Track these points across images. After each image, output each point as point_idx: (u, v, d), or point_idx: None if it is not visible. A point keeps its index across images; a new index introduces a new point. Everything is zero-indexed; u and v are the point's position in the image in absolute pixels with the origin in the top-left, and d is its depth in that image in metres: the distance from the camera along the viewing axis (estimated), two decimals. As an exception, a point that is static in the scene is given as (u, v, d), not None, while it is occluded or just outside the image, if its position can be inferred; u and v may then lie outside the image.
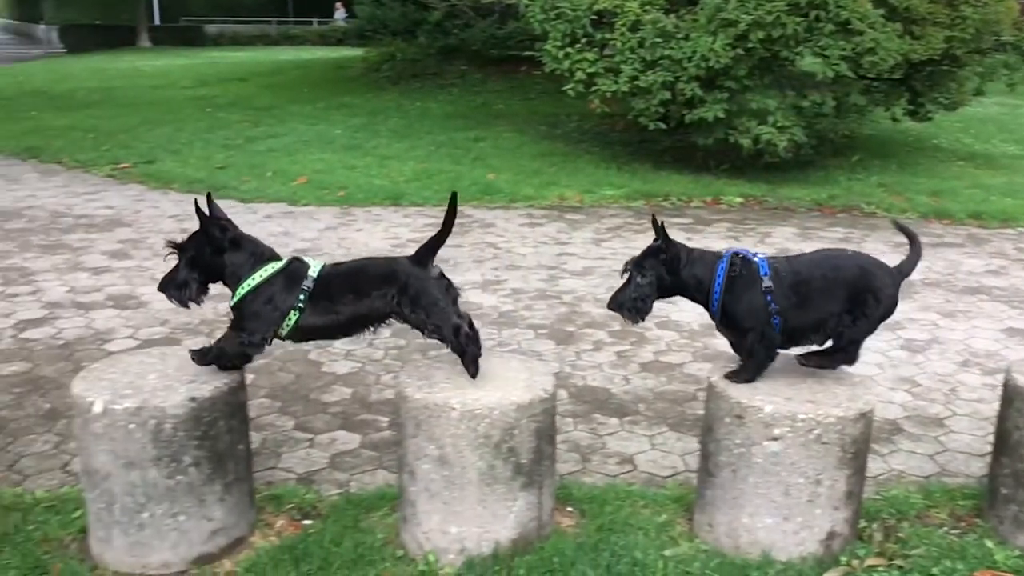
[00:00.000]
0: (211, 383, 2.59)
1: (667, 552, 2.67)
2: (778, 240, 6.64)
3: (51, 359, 4.25)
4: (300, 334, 2.63)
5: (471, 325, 2.62)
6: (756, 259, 2.59)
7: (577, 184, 8.29)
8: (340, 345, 4.43)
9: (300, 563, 2.58)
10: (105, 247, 6.23)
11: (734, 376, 2.63)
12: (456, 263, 5.90)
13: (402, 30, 23.86)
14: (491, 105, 13.18)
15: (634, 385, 4.04)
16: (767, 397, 2.57)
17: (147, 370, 2.69)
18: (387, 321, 2.64)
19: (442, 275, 2.63)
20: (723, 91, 7.99)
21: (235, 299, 2.60)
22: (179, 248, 2.68)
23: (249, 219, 7.09)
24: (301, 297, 2.57)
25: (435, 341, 2.62)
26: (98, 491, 2.55)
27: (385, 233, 6.69)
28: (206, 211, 2.68)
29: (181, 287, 2.65)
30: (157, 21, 33.12)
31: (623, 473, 3.27)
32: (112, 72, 19.95)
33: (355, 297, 2.59)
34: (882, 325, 2.67)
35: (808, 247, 6.43)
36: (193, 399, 2.53)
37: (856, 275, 2.57)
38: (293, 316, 2.57)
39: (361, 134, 11.05)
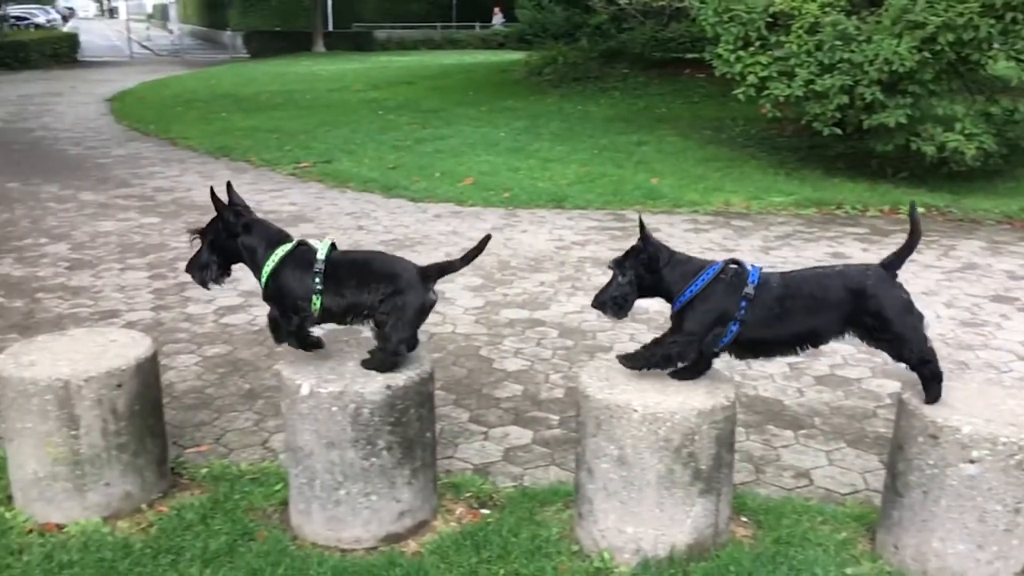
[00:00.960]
0: (404, 373, 2.75)
1: (848, 571, 2.61)
2: (963, 254, 6.27)
3: (248, 343, 4.60)
4: (323, 317, 2.73)
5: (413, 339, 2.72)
6: (749, 268, 2.62)
7: (743, 190, 8.13)
8: (510, 343, 4.56)
9: (480, 550, 2.69)
10: (290, 241, 6.65)
11: (626, 359, 2.69)
12: (621, 267, 5.93)
13: (563, 33, 24.12)
14: (653, 108, 13.10)
15: (808, 398, 3.94)
16: (965, 418, 2.46)
17: (346, 357, 2.88)
18: (373, 314, 2.68)
19: (435, 295, 2.75)
20: (906, 96, 7.63)
21: (267, 280, 2.72)
22: (200, 233, 2.82)
23: (419, 218, 7.39)
24: (318, 281, 2.67)
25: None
26: (301, 467, 2.75)
27: (549, 235, 6.80)
28: (224, 199, 2.80)
29: (203, 268, 2.80)
30: (330, 27, 34.83)
31: (799, 487, 3.21)
32: (291, 76, 21.19)
33: (360, 289, 2.67)
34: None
35: (997, 262, 6.04)
36: (389, 387, 2.69)
37: (844, 296, 2.55)
38: (317, 300, 2.68)
39: (524, 137, 11.26)
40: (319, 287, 2.67)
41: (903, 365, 2.60)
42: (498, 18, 38.08)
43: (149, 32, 48.16)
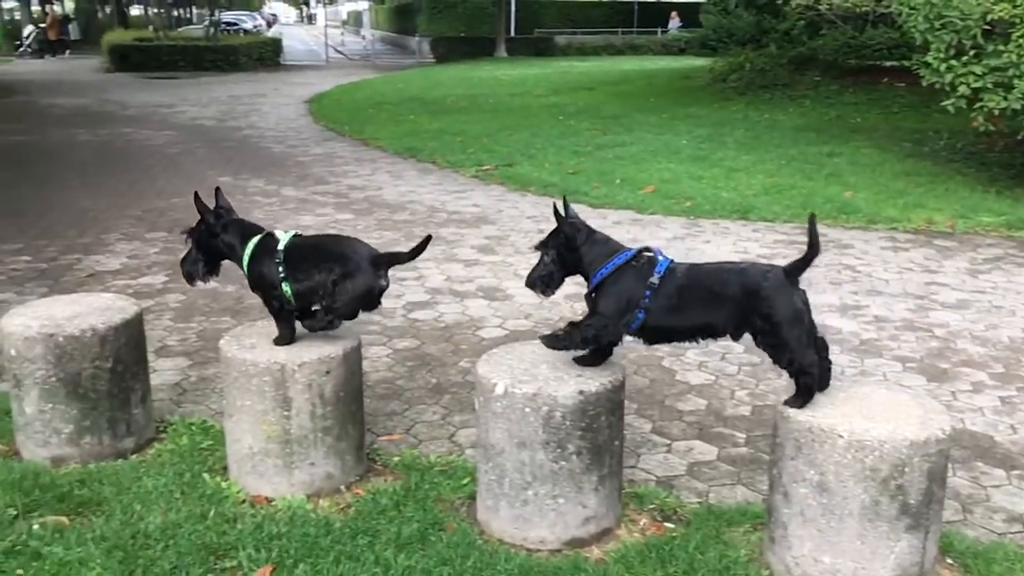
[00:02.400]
0: (597, 379, 2.75)
1: (1074, 630, 2.38)
2: None
3: (434, 339, 4.76)
4: (297, 301, 2.93)
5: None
6: (660, 258, 2.71)
7: (948, 208, 7.60)
8: (693, 355, 4.47)
9: (666, 564, 2.65)
10: (474, 242, 6.84)
11: (548, 339, 2.80)
12: (810, 283, 5.69)
13: (749, 39, 23.48)
14: (847, 118, 12.50)
15: (1023, 435, 3.63)
16: None
17: (539, 360, 2.92)
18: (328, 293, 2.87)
19: (385, 281, 2.97)
20: None
21: (249, 270, 2.99)
22: (189, 234, 3.11)
23: (599, 224, 7.28)
24: (280, 269, 2.91)
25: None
26: (491, 464, 2.82)
27: (734, 247, 6.63)
28: (210, 204, 3.09)
29: (192, 265, 3.10)
30: (513, 33, 35.54)
31: (1012, 532, 2.96)
32: (475, 80, 21.79)
33: (312, 270, 2.89)
34: None
35: None
36: (582, 392, 2.70)
37: (739, 294, 2.58)
38: (285, 286, 2.91)
39: (707, 145, 11.04)
40: (282, 274, 2.91)
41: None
42: (675, 22, 37.56)
43: (343, 38, 50.94)
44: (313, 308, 3.00)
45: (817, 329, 2.62)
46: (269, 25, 67.43)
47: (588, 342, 2.76)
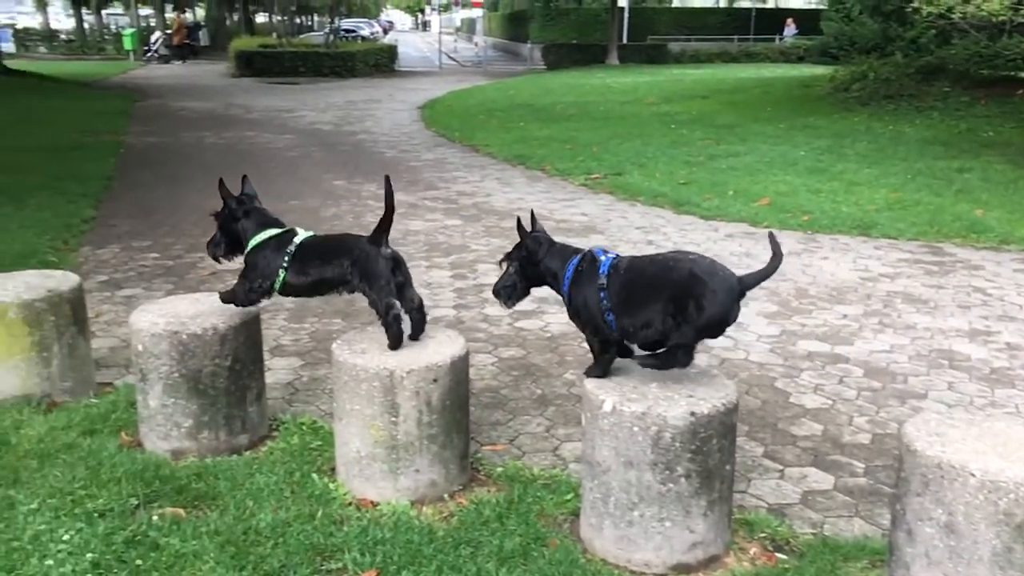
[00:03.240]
0: (709, 401, 2.67)
1: None
2: None
3: (540, 348, 4.74)
4: (286, 290, 3.21)
5: (420, 307, 3.16)
6: (602, 257, 2.73)
7: (1091, 229, 7.10)
8: (808, 377, 4.31)
9: (777, 597, 2.54)
10: (582, 251, 6.78)
11: (588, 371, 2.80)
12: (936, 305, 5.41)
13: (873, 47, 22.61)
14: (978, 132, 11.86)
15: None
16: None
17: (648, 378, 2.85)
18: (347, 286, 3.11)
19: (394, 256, 3.09)
20: None
21: (246, 252, 3.25)
22: (215, 217, 3.35)
23: (710, 236, 7.23)
24: (285, 260, 3.16)
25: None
26: (596, 482, 2.77)
27: (853, 265, 6.36)
28: (235, 191, 3.35)
29: (215, 246, 3.37)
30: (625, 40, 35.32)
31: None
32: (586, 88, 21.74)
33: (321, 264, 3.13)
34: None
35: None
36: (693, 414, 2.62)
37: (683, 280, 2.58)
38: (281, 274, 3.17)
39: (826, 157, 10.66)
40: (284, 265, 3.16)
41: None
42: (790, 30, 36.54)
43: (456, 44, 51.67)
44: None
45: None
46: (385, 32, 69.16)
47: (599, 352, 2.81)
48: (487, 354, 4.65)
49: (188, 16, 46.25)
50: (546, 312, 5.34)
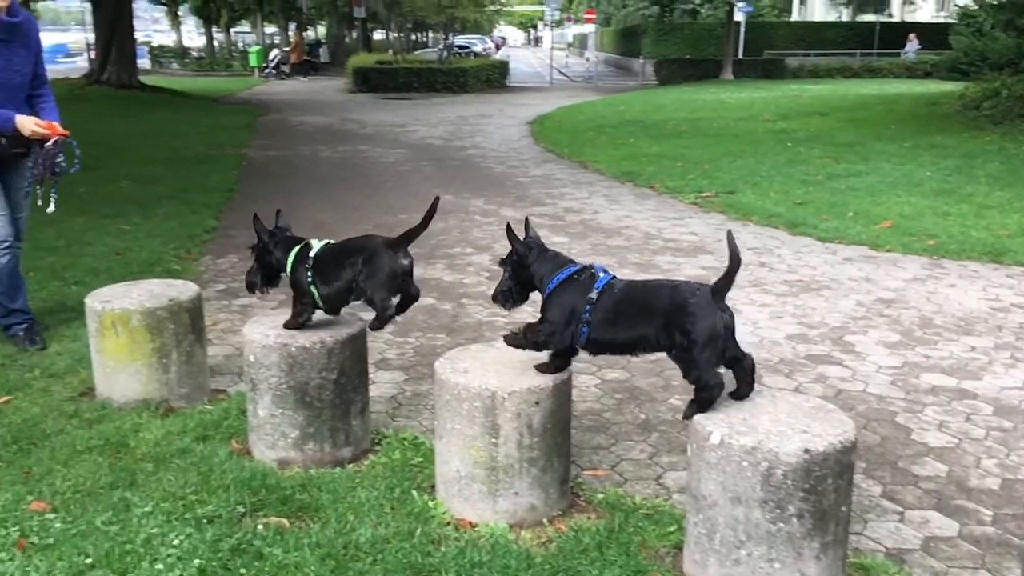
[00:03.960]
0: (824, 438, 2.53)
1: None
2: None
3: (644, 372, 4.63)
4: (324, 303, 3.29)
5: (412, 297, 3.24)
6: (600, 274, 2.88)
7: None
8: (932, 413, 4.05)
9: (895, 652, 2.38)
10: (690, 272, 6.63)
11: (509, 338, 3.01)
12: (1077, 340, 5.02)
13: (1007, 63, 21.39)
14: None
15: None
16: None
17: (760, 410, 2.73)
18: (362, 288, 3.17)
19: (409, 268, 3.19)
20: None
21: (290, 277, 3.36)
22: (252, 249, 3.50)
23: (827, 259, 6.95)
24: (308, 275, 3.25)
25: None
26: (701, 516, 2.66)
27: (983, 293, 5.98)
28: (269, 225, 3.47)
29: (253, 275, 3.48)
30: (740, 55, 34.65)
31: None
32: (698, 103, 21.40)
33: (338, 269, 3.21)
34: None
35: None
36: (807, 451, 2.48)
37: (667, 308, 2.72)
38: (312, 290, 3.26)
39: (955, 178, 10.13)
40: (309, 280, 3.25)
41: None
42: (912, 45, 35.04)
43: (567, 60, 51.85)
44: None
45: (739, 348, 2.77)
46: (498, 48, 70.10)
47: (538, 346, 2.97)
48: (590, 375, 4.57)
49: (309, 34, 48.05)
50: (652, 334, 5.22)
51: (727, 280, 2.73)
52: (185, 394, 3.95)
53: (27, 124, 4.30)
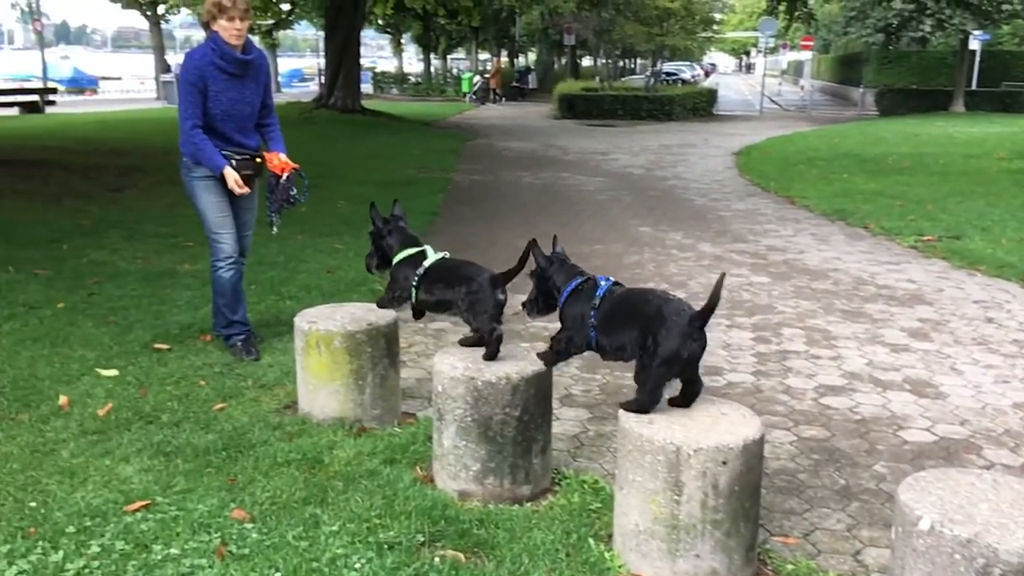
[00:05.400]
0: (1059, 539, 2.22)
1: None
2: None
3: (847, 432, 4.31)
4: (418, 304, 3.73)
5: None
6: (602, 283, 3.15)
7: None
8: None
9: None
10: (905, 323, 6.14)
11: (542, 355, 3.36)
12: None
13: None
14: None
15: None
16: None
17: (978, 496, 2.44)
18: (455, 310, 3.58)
19: (503, 302, 3.52)
20: None
21: (392, 266, 3.82)
22: (370, 234, 3.91)
23: (1069, 319, 6.20)
24: (415, 279, 3.67)
25: None
26: (904, 609, 2.41)
27: None
28: (388, 214, 3.92)
29: (369, 257, 3.95)
30: (974, 86, 32.04)
31: None
32: (923, 137, 19.98)
33: (444, 287, 3.60)
34: None
35: None
36: (1036, 552, 2.19)
37: (651, 315, 2.95)
38: (413, 291, 3.69)
39: None
40: (415, 284, 3.67)
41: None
42: None
43: (780, 87, 50.15)
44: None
45: (697, 374, 3.03)
46: (707, 75, 69.00)
47: (561, 355, 3.29)
48: (785, 431, 4.32)
49: (519, 61, 49.47)
50: (857, 390, 4.87)
51: (705, 313, 2.92)
52: (377, 415, 4.10)
53: (230, 177, 4.67)
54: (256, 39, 42.11)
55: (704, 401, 3.18)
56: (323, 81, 28.04)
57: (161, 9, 39.16)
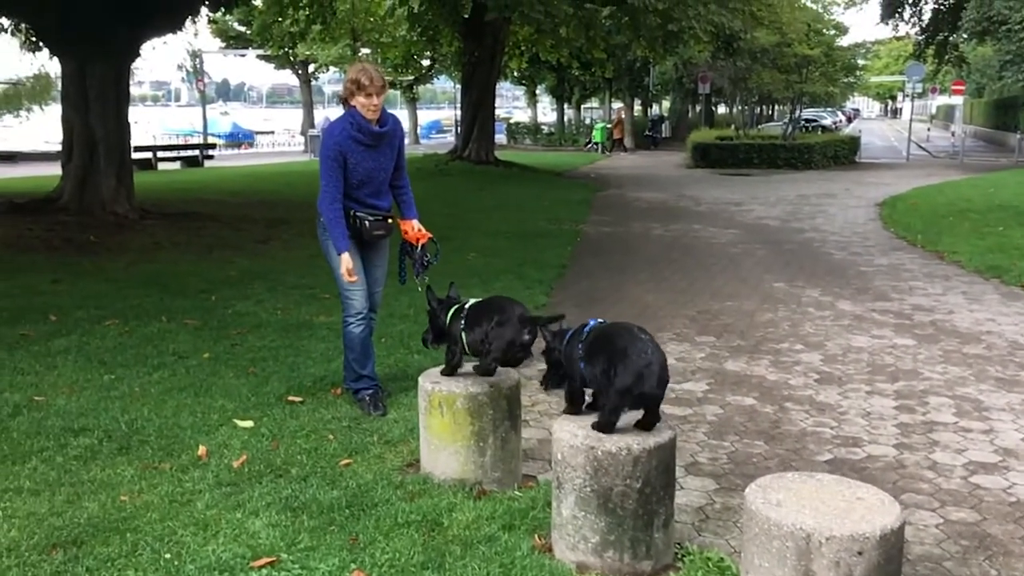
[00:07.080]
0: None
1: None
2: None
3: (1000, 517, 3.96)
4: (470, 348, 4.05)
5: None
6: (591, 323, 3.51)
7: None
8: None
9: None
10: (1068, 394, 5.64)
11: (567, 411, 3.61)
12: None
13: None
14: None
15: None
16: None
17: None
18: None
19: (528, 343, 3.92)
20: None
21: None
22: (428, 313, 4.40)
23: None
24: (462, 323, 4.06)
25: None
26: None
27: None
28: (444, 295, 4.35)
29: (426, 333, 4.42)
30: None
31: None
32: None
33: (482, 322, 3.97)
34: None
35: None
36: None
37: (615, 350, 3.28)
38: (463, 335, 4.05)
39: None
40: (463, 327, 4.03)
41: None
42: None
43: (929, 133, 47.92)
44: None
45: (657, 410, 3.35)
46: (849, 120, 66.84)
47: (573, 401, 3.57)
48: (930, 512, 4.02)
49: (653, 110, 49.41)
50: (1013, 468, 4.49)
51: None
52: (497, 478, 4.09)
53: (345, 263, 4.84)
54: (397, 93, 43.98)
55: (838, 482, 3.01)
56: (459, 132, 28.85)
57: (311, 68, 41.88)
